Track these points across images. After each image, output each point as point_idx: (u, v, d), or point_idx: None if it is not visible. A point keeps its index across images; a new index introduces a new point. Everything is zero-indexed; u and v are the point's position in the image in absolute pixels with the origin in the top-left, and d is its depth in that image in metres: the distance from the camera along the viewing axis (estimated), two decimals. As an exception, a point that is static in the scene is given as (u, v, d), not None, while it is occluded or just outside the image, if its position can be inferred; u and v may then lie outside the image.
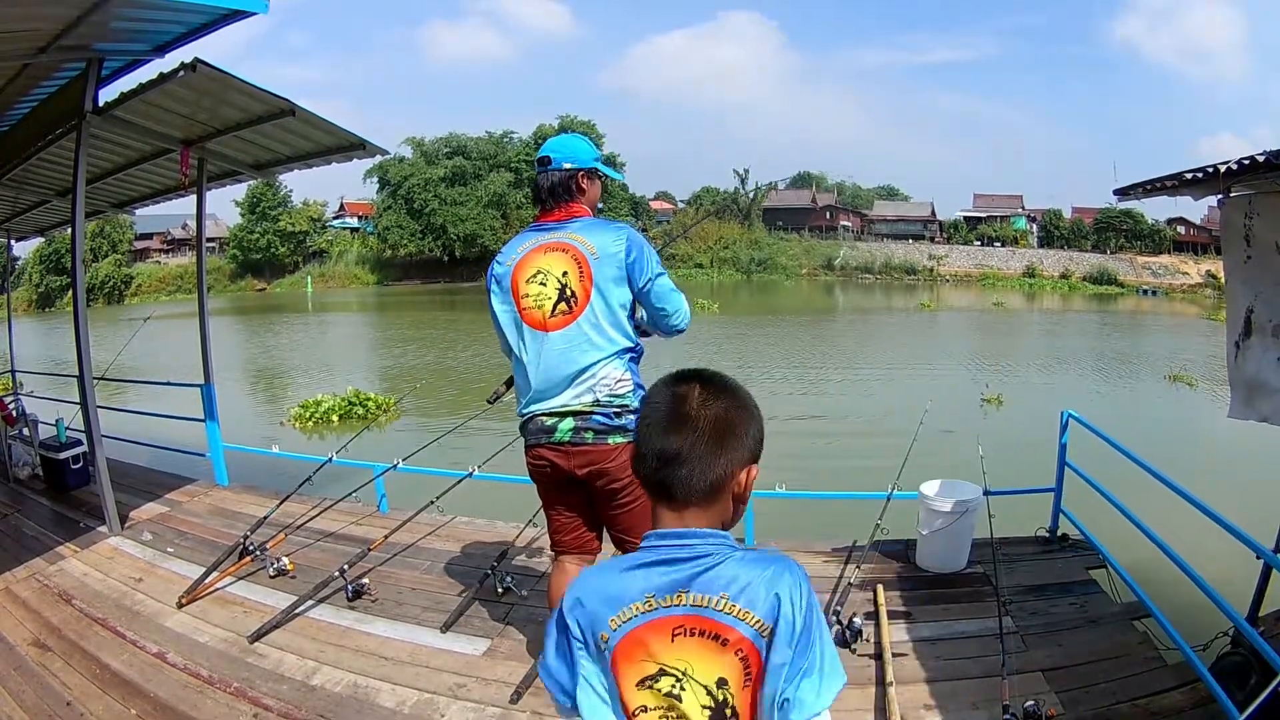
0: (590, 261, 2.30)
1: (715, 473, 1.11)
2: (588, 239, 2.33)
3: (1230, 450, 8.31)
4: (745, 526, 4.07)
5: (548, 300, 2.32)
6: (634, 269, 2.32)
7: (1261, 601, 3.11)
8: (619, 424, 2.33)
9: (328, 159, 5.06)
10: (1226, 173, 2.49)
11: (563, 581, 2.56)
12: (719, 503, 1.15)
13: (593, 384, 2.31)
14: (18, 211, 7.12)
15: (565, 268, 2.32)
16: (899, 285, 54.74)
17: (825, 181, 71.59)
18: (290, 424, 11.54)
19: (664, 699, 1.06)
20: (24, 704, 2.65)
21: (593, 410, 2.31)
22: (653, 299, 2.37)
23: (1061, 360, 17.70)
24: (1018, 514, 4.11)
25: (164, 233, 63.30)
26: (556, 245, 2.35)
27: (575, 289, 2.30)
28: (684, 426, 1.11)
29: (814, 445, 9.75)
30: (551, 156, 2.40)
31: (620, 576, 1.13)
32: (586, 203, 2.43)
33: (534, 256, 2.36)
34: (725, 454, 1.12)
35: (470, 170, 57.04)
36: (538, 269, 2.35)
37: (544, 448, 2.38)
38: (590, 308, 2.30)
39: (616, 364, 2.33)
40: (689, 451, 1.11)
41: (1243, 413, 3.10)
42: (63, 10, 3.35)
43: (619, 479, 2.36)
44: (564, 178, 2.39)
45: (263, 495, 4.90)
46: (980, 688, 2.66)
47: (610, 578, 1.14)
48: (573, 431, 2.33)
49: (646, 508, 2.40)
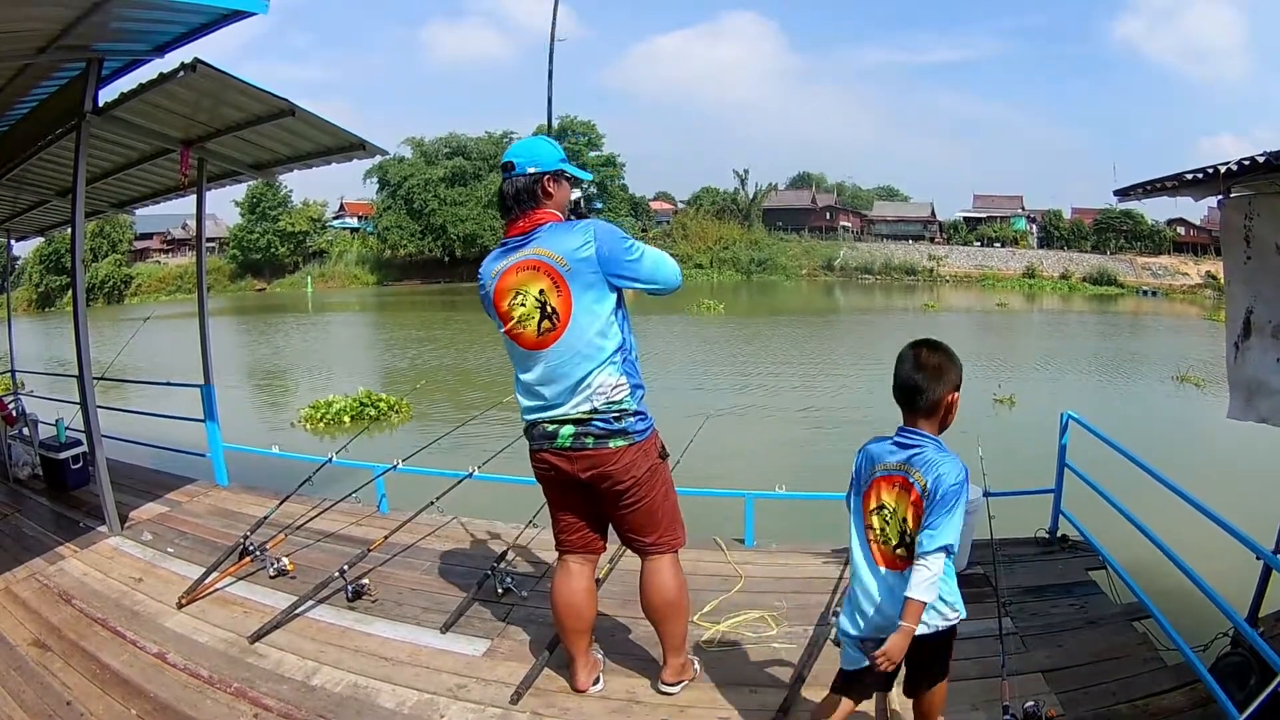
0: (563, 274, 2.29)
1: (934, 396, 1.96)
2: (554, 249, 2.31)
3: (1230, 450, 8.31)
4: (745, 526, 4.07)
5: (530, 321, 2.33)
6: (607, 265, 2.30)
7: (1261, 602, 3.12)
8: (619, 428, 2.35)
9: (327, 159, 5.06)
10: (1226, 174, 2.50)
11: (566, 582, 2.59)
12: (937, 414, 1.99)
13: (589, 393, 2.33)
14: (18, 211, 7.12)
15: (540, 285, 2.31)
16: (899, 286, 54.74)
17: (825, 182, 71.67)
18: (301, 425, 11.32)
19: (880, 520, 2.01)
20: (24, 704, 2.64)
21: (591, 417, 2.34)
22: (636, 273, 2.35)
23: (1072, 360, 17.71)
24: (1019, 515, 4.11)
25: (164, 233, 63.29)
26: (527, 264, 2.33)
27: (554, 305, 2.30)
28: (919, 369, 1.98)
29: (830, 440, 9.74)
30: (515, 162, 2.38)
31: (882, 445, 2.05)
32: (554, 206, 2.40)
33: (508, 278, 2.36)
34: (940, 385, 1.96)
35: (470, 170, 57.00)
36: (515, 290, 2.35)
37: (547, 453, 2.42)
38: (573, 321, 2.30)
39: (610, 370, 2.34)
40: (922, 383, 1.96)
41: (1242, 413, 3.10)
42: (62, 10, 3.35)
43: (622, 481, 2.39)
44: (528, 183, 2.37)
45: (263, 496, 4.89)
46: (980, 688, 2.66)
47: (879, 445, 2.06)
48: (573, 437, 2.36)
49: (651, 508, 2.50)
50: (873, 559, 2.02)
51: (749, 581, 3.59)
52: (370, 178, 58.62)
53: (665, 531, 2.54)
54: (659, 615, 2.59)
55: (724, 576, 3.65)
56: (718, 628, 3.15)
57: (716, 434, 9.28)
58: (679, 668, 2.68)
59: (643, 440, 2.41)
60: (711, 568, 3.77)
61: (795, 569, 3.77)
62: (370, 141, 4.73)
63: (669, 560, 2.56)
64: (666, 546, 2.56)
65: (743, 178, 67.18)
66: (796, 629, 3.14)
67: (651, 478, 2.46)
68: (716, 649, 3.01)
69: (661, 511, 2.52)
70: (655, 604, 2.56)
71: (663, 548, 2.55)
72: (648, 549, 2.55)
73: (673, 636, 2.62)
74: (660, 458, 2.51)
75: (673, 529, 2.57)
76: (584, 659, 2.67)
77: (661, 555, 2.55)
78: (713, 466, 6.68)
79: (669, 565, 2.56)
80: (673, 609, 2.57)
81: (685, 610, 2.63)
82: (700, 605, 3.32)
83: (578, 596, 2.58)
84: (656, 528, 2.52)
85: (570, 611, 2.58)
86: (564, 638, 2.66)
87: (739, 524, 4.10)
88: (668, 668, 2.67)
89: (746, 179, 67.10)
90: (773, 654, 2.96)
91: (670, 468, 2.62)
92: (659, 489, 2.50)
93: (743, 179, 67.16)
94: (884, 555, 2.00)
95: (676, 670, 2.67)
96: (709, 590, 3.48)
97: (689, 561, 3.78)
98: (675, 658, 2.66)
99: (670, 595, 2.55)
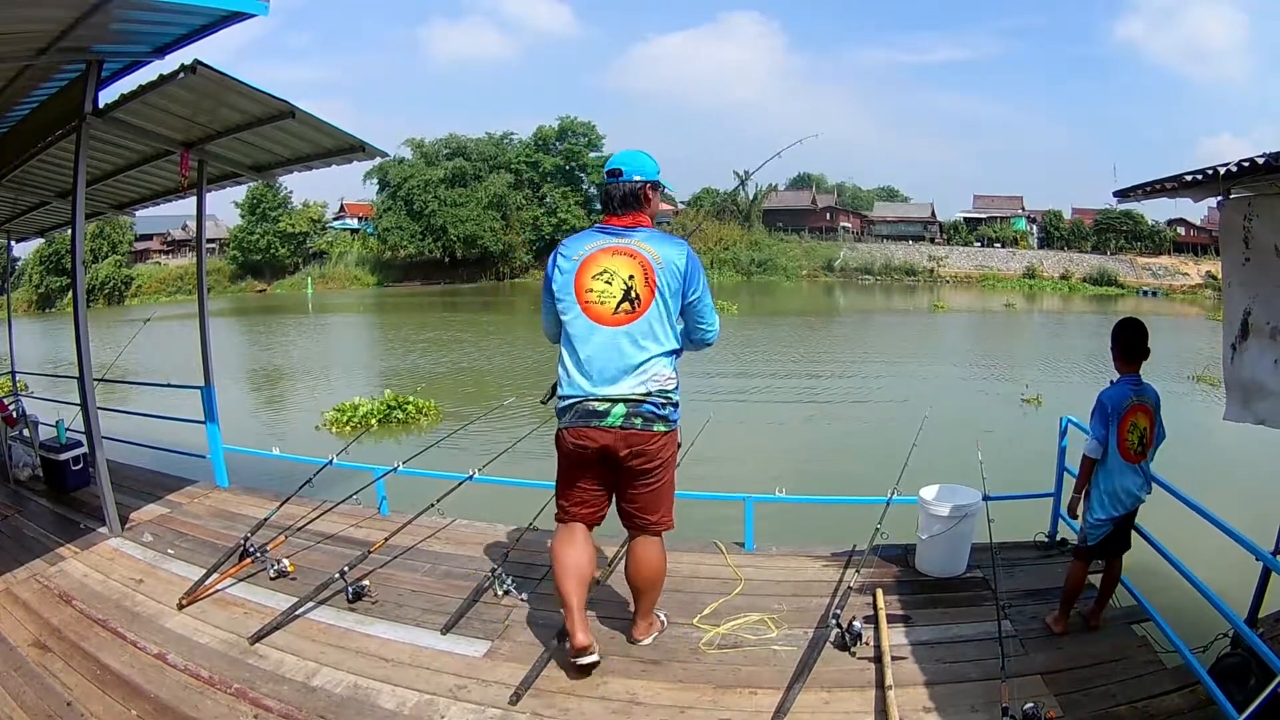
0: (655, 269, 2.58)
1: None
2: (654, 248, 2.61)
3: (1230, 451, 8.31)
4: (745, 529, 4.07)
5: (612, 299, 2.58)
6: (689, 282, 2.64)
7: (1260, 603, 3.12)
8: (664, 414, 2.64)
9: (327, 161, 5.07)
10: (1226, 175, 2.50)
11: (570, 542, 2.79)
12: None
13: (646, 378, 2.59)
14: (18, 213, 7.11)
15: (632, 271, 2.59)
16: (899, 286, 54.75)
17: (825, 182, 71.56)
18: (325, 428, 10.75)
19: (1135, 435, 3.02)
20: (24, 704, 2.65)
21: (645, 399, 2.60)
22: (697, 311, 2.71)
23: (1089, 359, 17.65)
24: (1019, 519, 4.11)
25: (164, 234, 63.27)
26: (624, 250, 2.62)
27: (640, 291, 2.58)
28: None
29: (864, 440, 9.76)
30: (622, 169, 2.68)
31: (1123, 389, 3.02)
32: (649, 213, 2.71)
33: (601, 257, 2.62)
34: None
35: (470, 171, 57.02)
36: (604, 268, 2.61)
37: (592, 429, 2.62)
38: (652, 309, 2.58)
39: (666, 362, 2.64)
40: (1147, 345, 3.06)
41: (1239, 415, 3.10)
42: (62, 12, 3.35)
43: (653, 461, 2.68)
44: (634, 188, 2.66)
45: (263, 497, 4.90)
46: (979, 691, 2.67)
47: (1119, 389, 3.03)
48: (624, 417, 2.60)
49: (663, 489, 2.78)
50: (1129, 458, 2.99)
51: (749, 584, 3.59)
52: (370, 179, 58.83)
53: (665, 513, 2.84)
54: (644, 586, 2.91)
55: (724, 579, 3.65)
56: (718, 630, 3.15)
57: (730, 434, 9.33)
58: (648, 626, 3.04)
59: (675, 429, 2.74)
60: (711, 570, 3.77)
61: (795, 572, 3.77)
62: (370, 143, 4.74)
63: (660, 540, 2.86)
64: (664, 526, 2.85)
65: (743, 178, 67.21)
66: (796, 631, 3.14)
67: (671, 462, 2.78)
68: (716, 651, 3.01)
69: (667, 494, 2.83)
70: (645, 575, 2.86)
71: (660, 527, 2.84)
72: (650, 526, 2.81)
73: (649, 603, 2.98)
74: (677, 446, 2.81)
75: (670, 513, 2.87)
76: (582, 616, 2.74)
77: (657, 535, 2.84)
78: (712, 467, 6.67)
79: (660, 544, 2.86)
80: (655, 581, 2.91)
81: (663, 582, 2.95)
82: (700, 608, 3.33)
83: (584, 558, 2.79)
84: (659, 508, 2.81)
85: (577, 572, 2.75)
86: (564, 591, 2.73)
87: (739, 527, 4.10)
88: (637, 627, 3.02)
89: (747, 180, 67.17)
90: (772, 656, 2.96)
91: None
92: (672, 474, 2.82)
93: (743, 180, 67.19)
94: (1135, 455, 3.00)
95: (645, 629, 3.03)
96: (709, 593, 3.48)
97: (689, 564, 3.81)
98: (645, 619, 3.02)
99: (658, 570, 2.87)
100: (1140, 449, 3.00)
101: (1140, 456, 3.02)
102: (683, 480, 3.01)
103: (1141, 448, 3.01)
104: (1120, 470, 2.99)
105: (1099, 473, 3.04)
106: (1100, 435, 2.99)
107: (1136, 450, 2.99)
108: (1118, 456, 2.98)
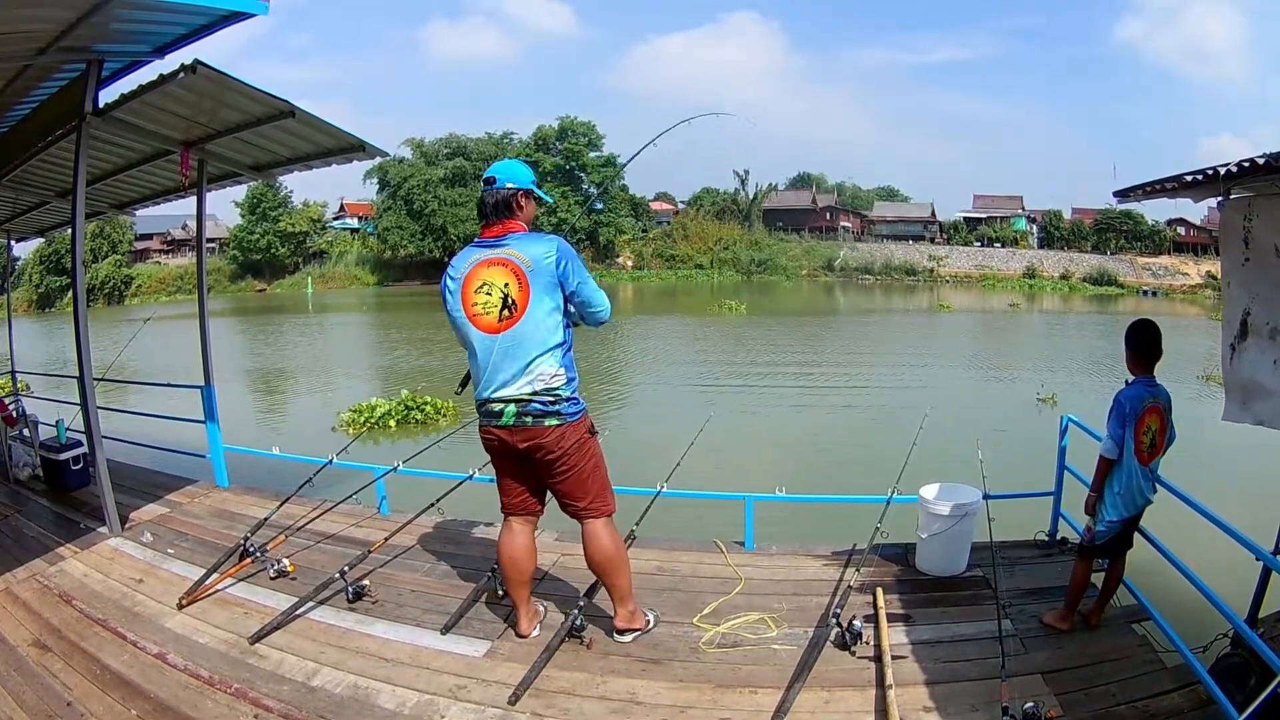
0: (526, 273, 2.70)
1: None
2: (522, 252, 2.72)
3: (1229, 451, 8.30)
4: (745, 528, 4.07)
5: (494, 308, 2.73)
6: (564, 276, 2.74)
7: (1261, 603, 3.12)
8: (553, 409, 2.76)
9: (327, 161, 5.06)
10: (1226, 175, 2.50)
11: (509, 539, 3.02)
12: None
13: (532, 378, 2.73)
14: (18, 212, 7.12)
15: (506, 279, 2.72)
16: (899, 286, 54.71)
17: (825, 182, 71.67)
18: (342, 430, 10.57)
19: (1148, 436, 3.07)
20: (24, 704, 2.65)
21: (531, 399, 2.74)
22: (583, 299, 2.81)
23: (1098, 359, 17.65)
24: (1020, 517, 4.11)
25: (164, 233, 63.26)
26: (497, 260, 2.74)
27: (515, 298, 2.71)
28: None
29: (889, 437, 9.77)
30: (495, 177, 2.83)
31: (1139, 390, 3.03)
32: (523, 219, 2.84)
33: (479, 271, 2.76)
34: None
35: (470, 171, 56.84)
36: (483, 281, 2.75)
37: (493, 428, 2.83)
38: (529, 313, 2.70)
39: (551, 360, 2.75)
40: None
41: (1238, 416, 3.10)
42: (62, 12, 3.35)
43: (554, 452, 2.80)
44: (505, 196, 2.80)
45: (263, 497, 4.90)
46: (979, 690, 2.67)
47: (1135, 390, 3.04)
48: (515, 416, 2.76)
49: (581, 477, 2.87)
50: (1142, 460, 3.02)
51: (749, 583, 3.59)
52: (370, 178, 58.71)
53: (596, 498, 2.92)
54: (601, 570, 2.99)
55: (724, 579, 3.65)
56: (717, 629, 3.15)
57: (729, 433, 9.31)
58: (628, 615, 3.06)
59: (574, 420, 2.82)
60: (711, 570, 3.77)
61: (795, 571, 3.77)
62: (370, 143, 4.74)
63: (603, 523, 2.95)
64: (599, 511, 2.94)
65: (743, 178, 67.26)
66: (796, 630, 3.14)
67: (579, 450, 2.85)
68: (716, 650, 3.01)
69: (592, 480, 2.91)
70: (597, 559, 2.96)
71: (595, 512, 2.93)
72: (582, 513, 2.93)
73: (617, 589, 3.02)
74: (589, 434, 2.90)
75: (603, 496, 2.95)
76: (525, 608, 3.10)
77: (595, 519, 2.93)
78: (712, 466, 6.67)
79: (603, 527, 2.94)
80: (612, 564, 2.97)
81: (624, 564, 3.02)
82: (700, 607, 3.33)
83: (519, 551, 3.00)
84: (587, 494, 2.90)
85: (511, 564, 3.01)
86: (508, 588, 3.09)
87: (739, 526, 4.10)
88: (618, 616, 3.05)
89: (747, 179, 67.20)
90: (772, 655, 2.97)
91: (600, 444, 2.98)
92: (588, 461, 2.89)
93: (743, 179, 67.25)
94: (1146, 456, 3.03)
95: (626, 618, 3.06)
96: (709, 592, 3.49)
97: (689, 564, 3.81)
98: (623, 607, 3.05)
99: (609, 552, 2.94)
100: (1151, 450, 3.04)
101: (1151, 457, 3.05)
102: (683, 479, 3.01)
103: (1152, 449, 3.04)
104: (1134, 471, 3.03)
105: (1114, 473, 3.05)
106: (1118, 435, 3.01)
107: (1148, 451, 3.03)
108: (1132, 457, 3.01)
